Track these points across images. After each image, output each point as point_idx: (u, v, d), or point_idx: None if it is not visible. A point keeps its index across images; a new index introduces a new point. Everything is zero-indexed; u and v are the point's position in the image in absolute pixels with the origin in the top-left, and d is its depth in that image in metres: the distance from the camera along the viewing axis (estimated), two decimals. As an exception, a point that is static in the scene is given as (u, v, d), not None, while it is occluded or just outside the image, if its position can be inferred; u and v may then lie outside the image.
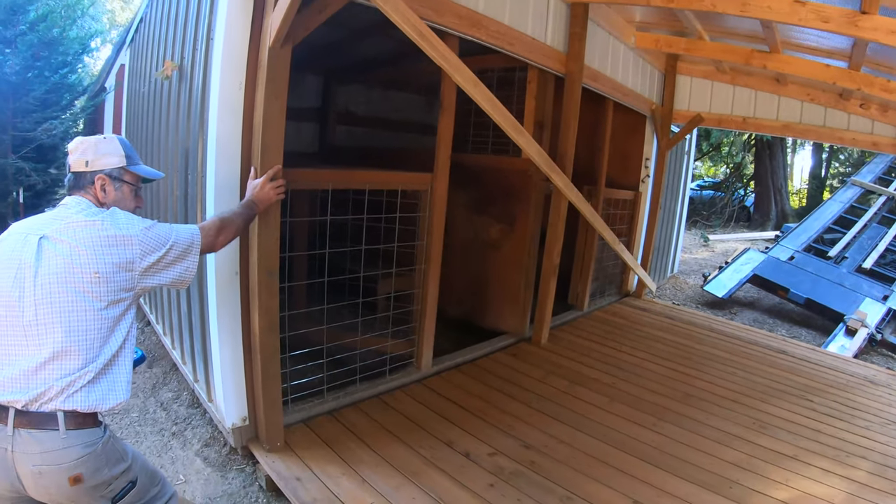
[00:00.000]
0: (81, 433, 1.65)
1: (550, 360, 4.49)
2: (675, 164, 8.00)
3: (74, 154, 1.88)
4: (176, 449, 3.29)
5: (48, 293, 1.62)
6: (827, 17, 3.21)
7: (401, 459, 2.93)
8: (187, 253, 1.93)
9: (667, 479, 2.88)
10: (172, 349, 4.01)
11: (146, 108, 4.57)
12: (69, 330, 1.63)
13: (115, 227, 1.74)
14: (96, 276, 1.66)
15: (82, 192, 1.87)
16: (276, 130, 2.66)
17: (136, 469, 1.86)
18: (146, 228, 1.81)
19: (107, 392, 1.70)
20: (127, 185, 1.95)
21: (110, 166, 1.90)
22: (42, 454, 1.60)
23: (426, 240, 3.77)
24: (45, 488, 1.64)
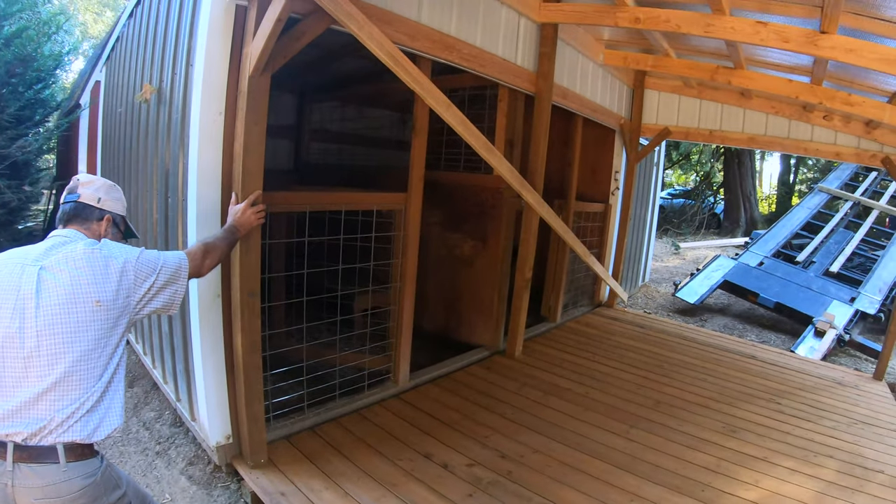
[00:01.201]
0: (81, 465, 1.67)
1: (524, 371, 4.59)
2: (644, 174, 8.19)
3: (89, 188, 1.94)
4: (160, 468, 3.32)
5: (50, 324, 1.63)
6: (787, 37, 3.36)
7: (381, 472, 3.00)
8: (176, 278, 1.98)
9: (640, 484, 2.98)
10: (153, 368, 4.04)
11: (123, 128, 4.57)
12: (72, 359, 1.65)
13: (112, 256, 1.79)
14: (98, 305, 1.70)
15: (83, 226, 1.91)
16: (256, 156, 2.74)
17: (130, 494, 1.89)
18: (138, 256, 1.86)
19: (103, 419, 1.71)
20: (118, 234, 2.04)
21: (117, 211, 2.01)
22: (43, 488, 1.61)
23: (401, 258, 3.86)
24: None
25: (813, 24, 3.34)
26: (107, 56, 5.90)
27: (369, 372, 3.90)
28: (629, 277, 8.48)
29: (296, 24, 2.68)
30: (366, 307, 4.10)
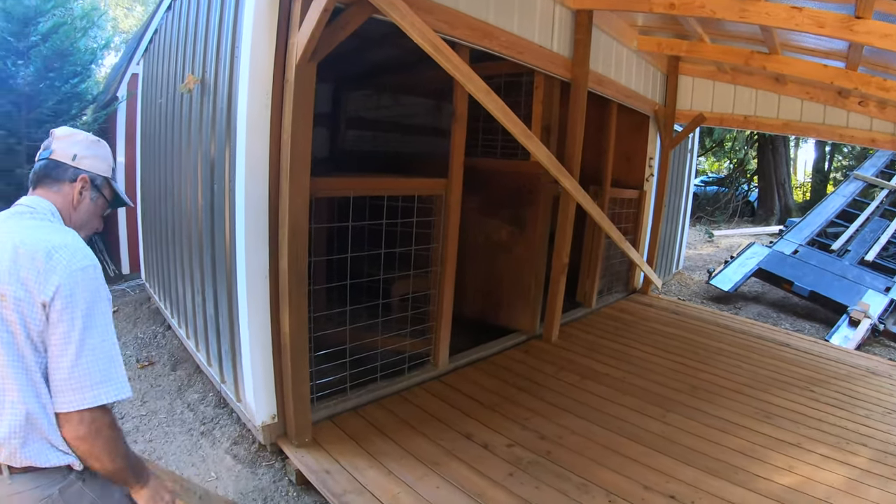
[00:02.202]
0: (30, 478, 1.40)
1: (561, 355, 4.63)
2: (678, 161, 8.12)
3: (62, 141, 1.63)
4: (206, 447, 3.43)
5: None
6: (822, 22, 3.33)
7: (423, 451, 3.08)
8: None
9: (675, 466, 3.02)
10: (196, 352, 4.16)
11: (164, 118, 4.70)
12: None
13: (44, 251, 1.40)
14: (2, 300, 1.37)
15: (52, 188, 1.59)
16: (303, 144, 2.82)
17: None
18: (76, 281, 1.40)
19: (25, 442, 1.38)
20: (101, 200, 1.70)
21: (97, 171, 1.66)
22: None
23: (441, 242, 3.92)
24: None
25: (848, 8, 3.30)
26: (144, 49, 6.02)
27: (410, 355, 3.97)
28: (663, 265, 8.44)
29: (339, 13, 2.74)
30: (406, 291, 4.18)
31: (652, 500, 2.72)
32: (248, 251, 2.95)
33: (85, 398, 1.37)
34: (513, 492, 2.77)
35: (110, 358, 1.42)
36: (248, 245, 2.94)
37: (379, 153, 6.48)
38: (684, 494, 2.76)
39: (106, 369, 1.40)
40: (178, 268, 4.40)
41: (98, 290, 1.44)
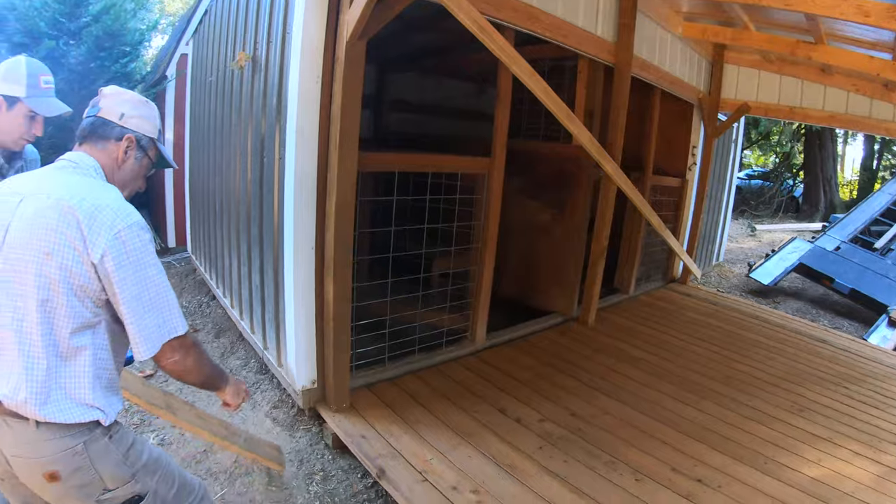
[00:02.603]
0: (56, 430, 1.45)
1: (597, 339, 4.67)
2: (722, 152, 8.02)
3: (110, 99, 1.65)
4: (246, 410, 3.58)
5: (5, 269, 1.45)
6: (868, 11, 3.26)
7: (456, 422, 3.17)
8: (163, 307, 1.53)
9: (704, 452, 3.04)
10: (240, 320, 4.32)
11: (214, 96, 4.85)
12: (11, 317, 1.43)
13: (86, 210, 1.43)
14: (48, 259, 1.41)
15: (98, 146, 1.62)
16: (353, 119, 2.92)
17: (149, 483, 1.64)
18: (122, 236, 1.46)
19: (51, 395, 1.44)
20: (146, 160, 1.73)
21: (143, 131, 1.68)
22: (15, 444, 1.46)
23: (483, 221, 3.99)
24: (27, 479, 1.52)
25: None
26: (193, 30, 6.19)
27: (448, 330, 4.07)
28: (703, 256, 8.38)
29: (389, -7, 2.81)
30: (447, 267, 4.25)
31: (679, 482, 2.75)
32: (296, 222, 3.06)
33: (158, 341, 1.50)
34: (542, 464, 2.84)
35: (168, 302, 1.54)
36: (296, 216, 3.05)
37: (422, 135, 6.56)
38: (711, 479, 2.78)
39: (167, 312, 1.53)
40: (225, 239, 4.56)
41: (144, 246, 1.49)
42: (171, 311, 1.54)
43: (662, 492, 2.66)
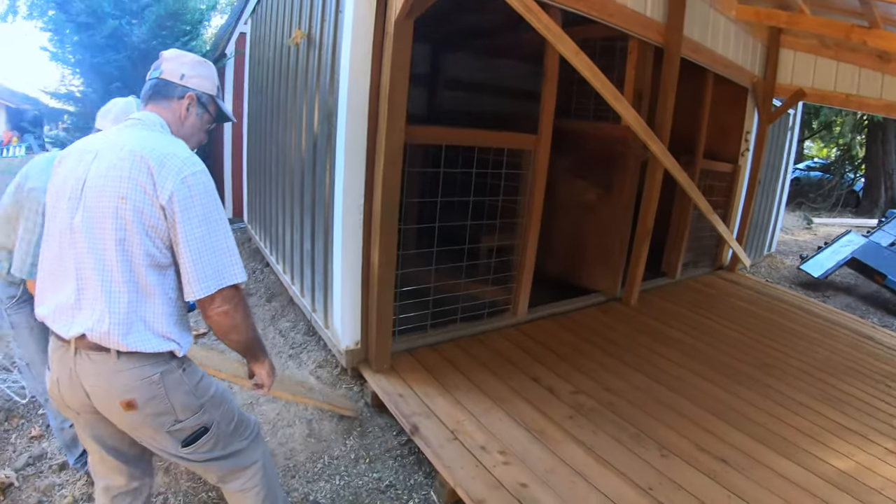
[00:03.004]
0: (135, 360, 1.58)
1: (638, 319, 4.72)
2: (776, 140, 7.83)
3: (171, 63, 1.77)
4: (292, 368, 3.80)
5: (86, 217, 1.56)
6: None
7: (491, 388, 3.30)
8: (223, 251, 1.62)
9: (731, 433, 3.06)
10: (291, 285, 4.55)
11: (271, 72, 5.06)
12: (95, 258, 1.55)
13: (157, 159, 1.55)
14: (123, 202, 1.52)
15: (162, 105, 1.76)
16: (400, 92, 3.04)
17: (214, 415, 1.78)
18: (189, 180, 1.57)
19: (133, 328, 1.56)
20: (207, 115, 1.86)
21: (203, 90, 1.81)
22: (96, 375, 1.58)
23: (528, 196, 4.07)
24: (105, 409, 1.64)
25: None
26: (252, 10, 6.39)
27: (490, 302, 4.18)
28: (754, 245, 8.22)
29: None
30: (492, 241, 4.36)
31: (703, 460, 2.79)
32: (346, 189, 3.23)
33: (210, 285, 1.57)
34: (570, 433, 2.93)
35: (228, 247, 1.62)
36: (346, 184, 3.22)
37: (474, 114, 6.62)
38: (736, 460, 2.81)
39: (225, 258, 1.60)
40: (280, 208, 4.78)
41: (209, 191, 1.60)
42: (232, 257, 1.62)
43: (686, 468, 2.71)
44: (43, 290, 1.66)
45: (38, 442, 3.07)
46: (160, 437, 1.69)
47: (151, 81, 1.77)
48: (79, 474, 2.78)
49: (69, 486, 2.71)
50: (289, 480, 2.78)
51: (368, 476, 2.84)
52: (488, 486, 2.49)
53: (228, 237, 1.63)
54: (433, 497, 2.71)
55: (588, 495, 2.46)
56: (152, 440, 1.71)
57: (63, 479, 2.77)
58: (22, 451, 2.98)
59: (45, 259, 1.65)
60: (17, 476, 2.75)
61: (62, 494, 2.65)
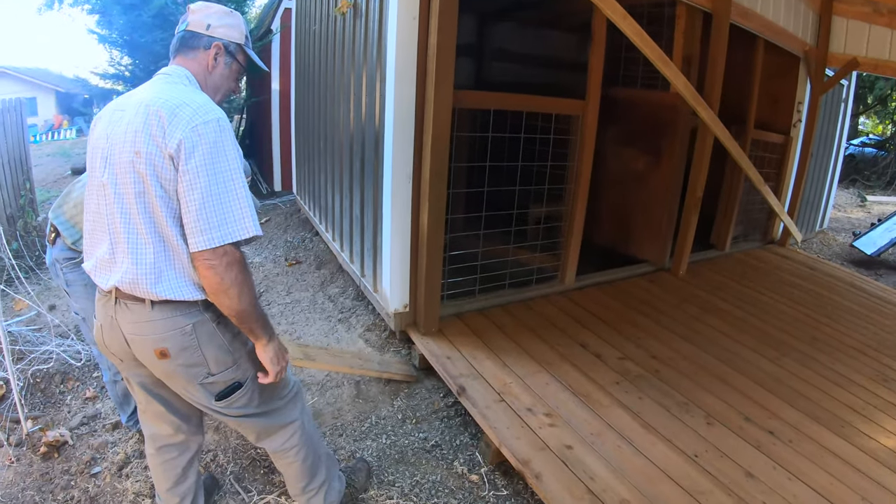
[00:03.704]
0: (169, 309, 1.61)
1: (686, 289, 4.67)
2: (829, 111, 7.58)
3: (197, 14, 1.77)
4: (341, 331, 3.89)
5: (111, 172, 1.59)
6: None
7: (538, 352, 3.33)
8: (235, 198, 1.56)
9: (780, 407, 3.02)
10: (341, 251, 4.63)
11: (318, 43, 5.10)
12: (122, 211, 1.58)
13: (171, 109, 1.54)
14: (137, 156, 1.52)
15: (189, 56, 1.76)
16: (447, 55, 3.05)
17: (248, 371, 1.81)
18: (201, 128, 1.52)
19: (161, 279, 1.58)
20: (236, 65, 1.85)
21: (230, 38, 1.79)
22: (133, 324, 1.62)
23: (576, 162, 4.03)
24: (142, 356, 1.68)
25: None
26: (297, -15, 6.45)
27: (538, 268, 4.19)
28: (806, 221, 8.02)
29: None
30: (540, 208, 4.35)
31: (750, 431, 2.76)
32: (395, 155, 3.26)
33: (213, 237, 1.50)
34: (616, 398, 2.94)
35: (236, 201, 1.53)
36: (394, 149, 3.25)
37: (521, 84, 6.50)
38: (783, 433, 2.78)
39: (231, 211, 1.52)
40: (328, 177, 4.86)
41: (221, 141, 1.53)
42: (243, 210, 1.55)
43: (732, 438, 2.69)
44: (87, 245, 1.72)
45: (93, 403, 3.21)
46: (193, 388, 1.73)
47: (178, 34, 1.78)
48: (131, 432, 2.90)
49: (122, 444, 2.83)
50: (336, 439, 2.86)
51: (415, 436, 2.90)
52: (533, 447, 2.52)
53: (238, 188, 1.55)
54: (478, 457, 2.75)
55: (633, 459, 2.48)
56: (185, 391, 1.76)
57: (116, 438, 2.89)
58: (76, 411, 3.13)
59: (88, 218, 1.70)
60: (72, 435, 2.88)
61: (115, 451, 2.77)
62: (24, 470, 2.67)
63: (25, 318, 4.06)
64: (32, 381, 3.35)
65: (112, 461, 2.70)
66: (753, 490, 2.33)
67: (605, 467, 2.41)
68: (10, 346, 3.07)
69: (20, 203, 7.18)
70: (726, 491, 2.31)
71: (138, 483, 2.55)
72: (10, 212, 6.77)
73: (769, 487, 2.36)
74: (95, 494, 2.51)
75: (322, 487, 2.22)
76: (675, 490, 2.30)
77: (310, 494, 2.21)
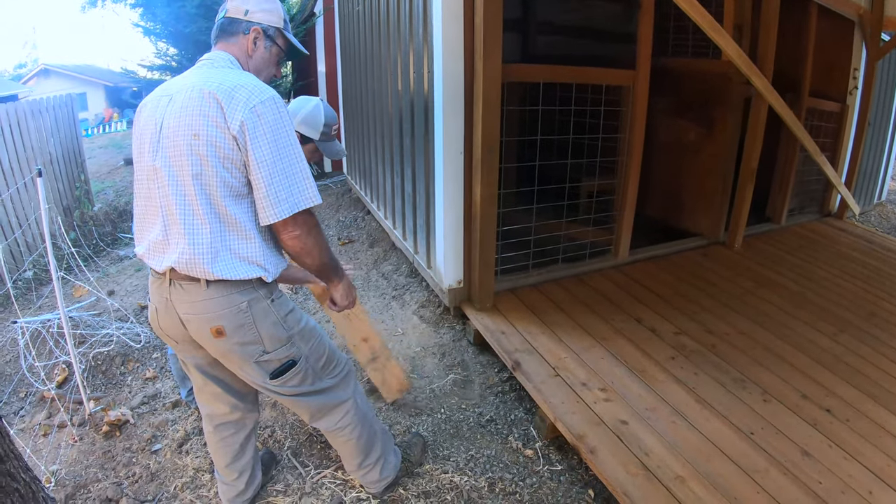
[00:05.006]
0: (224, 287, 1.66)
1: (741, 263, 4.59)
2: (886, 79, 7.25)
3: (235, 1, 1.82)
4: (395, 308, 3.95)
5: (164, 156, 1.64)
6: None
7: (593, 327, 3.34)
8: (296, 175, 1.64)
9: (836, 384, 2.95)
10: (393, 229, 4.70)
11: (362, 23, 5.13)
12: (176, 193, 1.63)
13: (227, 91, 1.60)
14: (196, 139, 1.58)
15: (230, 41, 1.81)
16: (494, 26, 3.03)
17: (302, 349, 1.87)
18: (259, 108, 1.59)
19: (218, 258, 1.63)
20: (276, 48, 1.89)
21: (269, 23, 1.84)
22: (189, 304, 1.67)
23: (627, 134, 3.96)
24: (198, 336, 1.74)
25: None
26: (338, -34, 6.45)
27: (591, 242, 4.18)
28: (863, 192, 7.73)
29: None
30: (592, 181, 4.34)
31: (806, 408, 2.72)
32: (446, 129, 3.28)
33: (283, 209, 1.59)
34: (672, 373, 2.93)
35: (300, 173, 1.63)
36: (445, 123, 3.27)
37: (569, 57, 6.39)
38: (840, 411, 2.72)
39: (297, 183, 1.62)
40: (379, 156, 4.91)
41: (280, 118, 1.61)
42: (306, 181, 1.64)
43: (788, 415, 2.66)
44: (138, 230, 1.77)
45: (153, 383, 3.35)
46: (248, 367, 1.79)
47: (218, 21, 1.83)
48: (190, 409, 3.01)
49: (181, 422, 2.94)
50: (392, 414, 2.92)
51: (470, 411, 2.94)
52: (588, 421, 2.54)
53: (301, 162, 1.65)
54: (533, 432, 2.78)
55: (688, 435, 2.47)
56: (241, 369, 1.82)
57: (175, 416, 3.01)
58: (137, 391, 3.27)
59: (138, 203, 1.74)
60: (133, 414, 3.01)
61: (175, 429, 2.89)
62: (87, 448, 2.80)
63: (85, 303, 4.23)
64: (94, 363, 3.50)
65: (172, 438, 2.81)
66: (809, 469, 2.31)
67: (660, 443, 2.42)
68: (72, 331, 3.21)
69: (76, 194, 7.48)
70: (782, 469, 2.29)
71: (198, 459, 2.66)
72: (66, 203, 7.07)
73: (825, 467, 2.33)
74: (156, 470, 2.62)
75: (378, 462, 2.29)
76: (730, 467, 2.30)
77: (365, 470, 2.29)
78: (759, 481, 2.22)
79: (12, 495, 1.54)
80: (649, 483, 2.19)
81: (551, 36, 6.58)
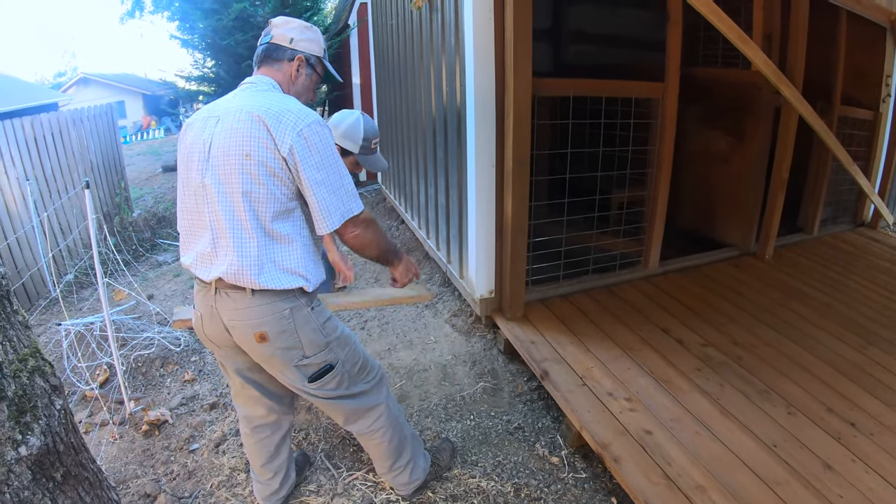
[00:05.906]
0: (268, 296, 1.76)
1: (771, 274, 4.58)
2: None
3: (281, 28, 1.92)
4: (428, 317, 4.07)
5: (213, 175, 1.74)
6: None
7: (621, 337, 3.40)
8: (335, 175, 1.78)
9: (863, 397, 2.94)
10: (427, 239, 4.82)
11: (395, 37, 5.27)
12: (226, 210, 1.73)
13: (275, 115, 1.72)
14: (248, 159, 1.69)
15: (274, 67, 1.92)
16: (524, 44, 3.10)
17: (339, 354, 1.97)
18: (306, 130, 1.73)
19: (264, 270, 1.74)
20: (315, 75, 2.01)
21: (311, 52, 1.96)
22: (234, 311, 1.77)
23: (657, 145, 4.00)
24: (241, 341, 1.84)
25: None
26: (371, -21, 6.60)
27: (621, 254, 4.22)
28: (896, 201, 7.62)
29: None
30: (622, 193, 4.38)
31: (831, 421, 2.71)
32: (478, 142, 3.38)
33: (334, 221, 1.75)
34: (697, 384, 2.96)
35: (346, 186, 1.78)
36: (477, 136, 3.36)
37: (601, 66, 6.40)
38: (865, 425, 2.70)
39: (345, 197, 1.77)
40: (413, 167, 5.03)
41: (324, 140, 1.74)
42: (350, 194, 1.79)
43: (813, 428, 2.65)
44: (185, 242, 1.88)
45: (191, 385, 3.49)
46: (289, 371, 1.89)
47: (263, 46, 1.94)
48: (227, 411, 3.15)
49: (219, 423, 3.07)
50: (423, 420, 3.02)
51: (498, 419, 3.02)
52: (614, 430, 2.59)
53: (346, 177, 1.79)
54: (559, 440, 2.85)
55: (711, 446, 2.50)
56: (282, 373, 1.92)
57: (213, 417, 3.14)
58: (176, 392, 3.41)
59: (184, 217, 1.84)
60: (172, 414, 3.15)
61: (212, 430, 3.02)
62: (126, 446, 2.94)
63: (126, 307, 4.39)
64: (135, 365, 3.66)
65: (209, 438, 2.94)
66: (830, 483, 2.31)
67: (683, 453, 2.45)
68: (114, 334, 3.36)
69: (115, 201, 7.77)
70: (803, 482, 2.30)
71: (234, 459, 2.78)
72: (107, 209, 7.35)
73: (847, 481, 2.33)
74: (193, 469, 2.75)
75: (408, 466, 2.40)
76: (751, 478, 2.32)
77: (396, 472, 2.40)
78: (779, 493, 2.25)
79: (83, 483, 1.71)
80: (670, 492, 2.25)
81: (583, 45, 6.63)
